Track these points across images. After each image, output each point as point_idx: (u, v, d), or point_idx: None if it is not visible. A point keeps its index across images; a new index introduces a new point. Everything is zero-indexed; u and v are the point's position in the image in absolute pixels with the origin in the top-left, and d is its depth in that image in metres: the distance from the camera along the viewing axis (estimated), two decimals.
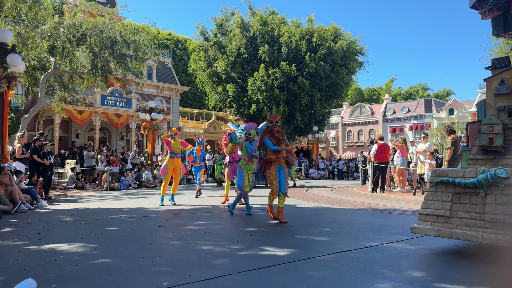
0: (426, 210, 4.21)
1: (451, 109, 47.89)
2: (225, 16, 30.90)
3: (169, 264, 3.68)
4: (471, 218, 3.81)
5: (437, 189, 4.18)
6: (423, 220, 4.22)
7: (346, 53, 28.52)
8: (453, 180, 3.98)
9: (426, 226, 4.14)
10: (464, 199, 3.95)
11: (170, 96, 33.79)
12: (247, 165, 7.22)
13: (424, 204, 4.27)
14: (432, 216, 4.14)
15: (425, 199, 4.29)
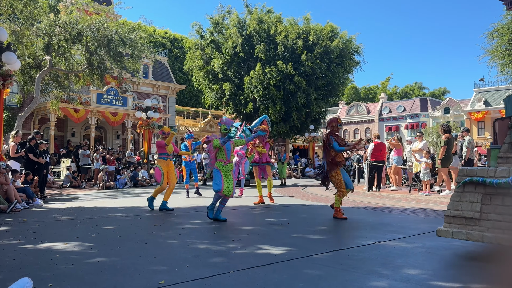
0: (453, 212, 3.92)
1: (447, 108, 48.08)
2: (222, 15, 30.86)
3: (165, 263, 3.68)
4: (504, 221, 3.53)
5: (464, 190, 3.90)
6: (449, 222, 3.93)
7: (343, 52, 28.55)
8: (484, 180, 3.70)
9: (453, 229, 3.87)
10: (495, 200, 3.67)
11: (166, 95, 33.72)
12: (225, 166, 6.47)
13: (450, 206, 3.99)
14: (459, 219, 3.86)
15: (452, 200, 4.02)
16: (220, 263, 3.67)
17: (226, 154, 6.47)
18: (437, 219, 6.54)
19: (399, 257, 3.87)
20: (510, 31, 16.81)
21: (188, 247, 4.40)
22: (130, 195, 12.45)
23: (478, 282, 3.03)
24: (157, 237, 5.05)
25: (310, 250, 4.20)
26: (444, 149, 10.12)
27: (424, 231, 5.38)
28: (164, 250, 4.30)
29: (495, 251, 4.09)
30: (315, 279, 3.20)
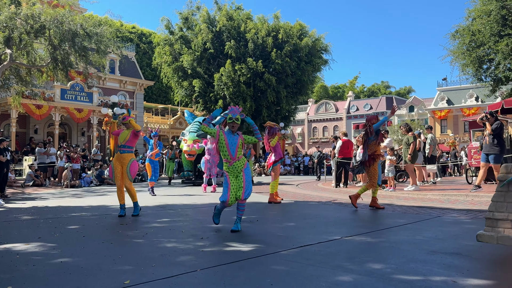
0: (497, 214, 3.53)
1: (411, 106, 49.54)
2: (191, 10, 30.55)
3: (131, 262, 3.62)
4: None
5: (509, 189, 3.51)
6: (492, 226, 3.53)
7: (312, 51, 28.90)
8: None
9: (498, 234, 3.46)
10: None
11: (133, 91, 33.05)
12: (231, 167, 5.17)
13: (492, 207, 3.57)
14: (505, 222, 3.45)
15: (494, 201, 3.60)
16: (188, 261, 3.65)
17: (229, 151, 5.12)
18: (400, 214, 6.74)
19: (364, 252, 3.97)
20: (471, 33, 17.48)
21: (155, 246, 4.34)
22: (96, 194, 12.15)
23: (438, 275, 3.14)
24: (123, 237, 4.95)
25: (278, 246, 4.24)
26: (413, 145, 10.49)
27: (388, 226, 5.53)
28: (130, 249, 4.23)
29: (459, 245, 4.26)
30: (282, 275, 3.23)
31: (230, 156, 5.12)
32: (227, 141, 5.13)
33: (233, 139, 5.17)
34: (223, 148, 5.14)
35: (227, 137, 5.16)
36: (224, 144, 5.13)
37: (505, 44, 15.52)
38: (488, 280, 3.01)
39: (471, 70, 18.23)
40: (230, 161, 5.14)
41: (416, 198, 9.36)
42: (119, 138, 6.90)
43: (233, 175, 5.15)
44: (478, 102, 42.34)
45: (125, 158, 6.83)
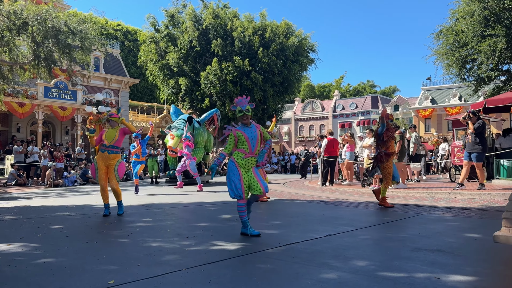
0: None
1: (396, 105, 50.12)
2: (177, 8, 30.35)
3: (115, 262, 3.58)
4: None
5: None
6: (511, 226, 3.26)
7: (298, 50, 29.00)
8: None
9: None
10: None
11: (118, 89, 32.68)
12: (245, 159, 4.71)
13: (510, 206, 3.30)
14: None
15: None
16: (173, 260, 3.63)
17: (250, 145, 4.69)
18: (385, 212, 6.82)
19: (349, 249, 4.00)
20: (454, 33, 17.74)
21: (140, 245, 4.31)
22: (80, 193, 12.00)
23: (421, 271, 3.19)
24: (108, 236, 4.90)
25: (264, 244, 4.25)
26: (400, 143, 10.61)
27: (373, 223, 5.59)
28: (115, 249, 4.19)
29: (443, 242, 4.33)
30: (268, 273, 3.24)
31: (250, 149, 4.70)
32: (247, 136, 4.68)
33: (251, 132, 4.71)
34: (242, 143, 4.69)
35: (244, 131, 4.69)
36: (244, 139, 4.67)
37: (487, 44, 15.80)
38: (470, 276, 3.07)
39: (454, 69, 18.49)
40: (247, 153, 4.69)
41: (400, 196, 9.48)
42: (106, 138, 6.55)
43: (244, 169, 4.71)
44: (461, 102, 43.03)
45: (112, 159, 6.55)
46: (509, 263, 3.42)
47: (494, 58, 15.98)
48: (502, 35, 15.52)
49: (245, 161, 4.71)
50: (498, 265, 3.36)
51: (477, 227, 5.35)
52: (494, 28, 15.78)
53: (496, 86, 19.99)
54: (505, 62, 17.31)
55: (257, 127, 4.80)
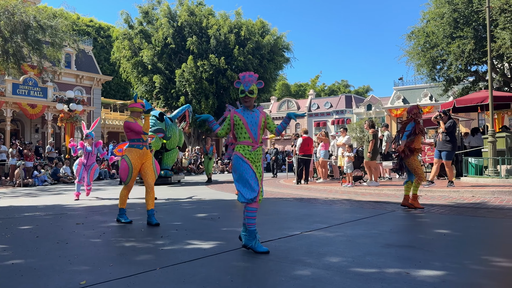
0: None
1: (369, 104, 51.02)
2: (151, 4, 29.93)
3: (87, 263, 3.51)
4: None
5: None
6: None
7: (274, 48, 29.09)
8: None
9: None
10: None
11: (91, 86, 31.98)
12: (253, 152, 3.91)
13: None
14: None
15: None
16: (147, 260, 3.59)
17: (250, 132, 3.89)
18: (358, 209, 6.95)
19: (323, 246, 4.06)
20: (425, 34, 18.21)
21: (113, 245, 4.24)
22: (51, 193, 11.69)
23: (392, 267, 3.27)
24: (79, 236, 4.80)
25: (239, 243, 4.25)
26: (373, 143, 10.81)
27: (346, 220, 5.69)
28: (87, 249, 4.11)
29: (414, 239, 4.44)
30: (243, 270, 3.25)
31: (252, 138, 3.88)
32: (245, 121, 3.90)
33: (252, 117, 3.94)
34: (241, 130, 3.91)
35: (243, 115, 3.94)
36: (242, 125, 3.89)
37: (456, 45, 16.29)
38: (438, 270, 3.17)
39: (425, 70, 18.99)
40: (253, 144, 3.90)
41: (373, 193, 9.67)
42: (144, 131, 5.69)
43: (253, 164, 3.87)
44: (432, 101, 44.23)
45: (149, 155, 5.80)
46: (475, 258, 3.55)
47: (463, 59, 16.50)
48: (470, 37, 16.04)
49: (254, 155, 3.88)
50: (465, 260, 3.48)
51: (446, 223, 5.53)
52: (463, 30, 16.30)
53: (465, 87, 20.66)
54: (473, 63, 17.92)
55: (261, 113, 4.05)
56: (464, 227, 5.18)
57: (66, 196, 10.45)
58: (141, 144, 5.66)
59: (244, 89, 3.95)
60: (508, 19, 14.11)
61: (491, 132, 11.60)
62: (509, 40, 13.94)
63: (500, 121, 17.66)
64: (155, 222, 5.47)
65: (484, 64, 17.62)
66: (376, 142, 11.04)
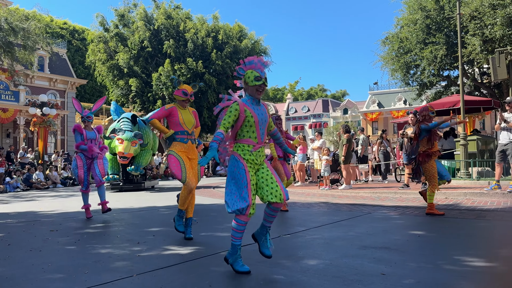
0: None
1: (346, 109, 51.80)
2: (127, 7, 29.60)
3: (62, 270, 3.43)
4: None
5: None
6: None
7: (252, 53, 29.20)
8: None
9: None
10: None
11: (64, 90, 31.31)
12: (254, 153, 3.26)
13: None
14: None
15: None
16: (123, 267, 3.53)
17: (259, 131, 3.28)
18: (335, 212, 7.03)
19: (301, 249, 4.09)
20: (399, 40, 18.64)
21: (88, 252, 4.15)
22: (23, 199, 11.36)
23: (369, 268, 3.33)
24: (53, 244, 4.68)
25: (218, 247, 4.24)
26: (346, 147, 10.96)
27: (324, 223, 5.75)
28: (61, 257, 4.01)
29: (390, 240, 4.52)
30: (221, 276, 3.24)
31: (258, 138, 3.28)
32: (257, 118, 3.25)
33: (261, 113, 3.32)
34: (249, 128, 3.24)
35: (254, 110, 3.25)
36: (253, 122, 3.23)
37: (429, 51, 16.73)
38: (413, 271, 3.24)
39: (399, 75, 19.42)
40: (256, 144, 3.28)
41: (349, 196, 9.81)
42: (184, 121, 4.75)
43: (252, 168, 3.27)
44: (406, 105, 45.24)
45: (195, 151, 4.87)
46: (449, 258, 3.64)
47: (436, 64, 16.97)
48: (442, 43, 16.51)
49: (255, 156, 3.26)
50: (439, 260, 3.57)
51: (420, 224, 5.65)
52: (435, 36, 16.76)
53: (437, 91, 21.22)
54: (446, 68, 18.44)
55: (265, 107, 3.45)
56: (437, 228, 5.31)
57: (39, 202, 10.17)
58: (186, 137, 4.74)
59: (260, 76, 3.22)
60: (477, 26, 14.60)
61: (462, 136, 11.96)
62: (479, 46, 14.43)
63: (471, 125, 18.23)
64: (188, 236, 4.71)
65: (455, 69, 18.16)
66: (350, 146, 11.21)
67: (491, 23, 13.84)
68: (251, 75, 3.23)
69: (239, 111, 3.19)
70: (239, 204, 3.14)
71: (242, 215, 3.19)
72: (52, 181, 17.38)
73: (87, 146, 6.63)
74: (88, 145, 6.63)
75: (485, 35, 14.20)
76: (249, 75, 3.23)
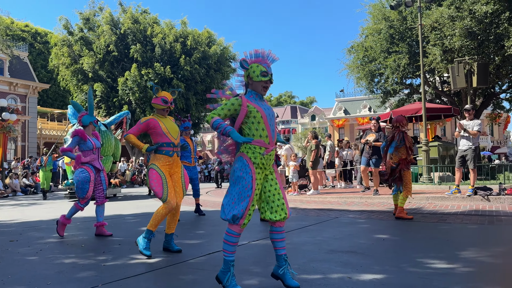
0: None
1: (313, 115, 52.60)
2: (93, 11, 28.98)
3: (23, 282, 3.30)
4: None
5: None
6: None
7: (220, 59, 29.23)
8: None
9: None
10: None
11: (26, 94, 30.17)
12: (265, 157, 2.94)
13: None
14: None
15: None
16: (88, 277, 3.44)
17: (269, 130, 2.97)
18: (303, 217, 7.11)
19: (270, 255, 4.11)
20: (364, 49, 19.15)
21: (51, 262, 4.01)
22: None
23: (336, 272, 3.39)
24: (13, 254, 4.49)
25: (186, 255, 4.20)
26: (315, 152, 11.11)
27: (292, 228, 5.80)
28: (22, 267, 3.85)
29: (357, 244, 4.61)
30: (190, 283, 3.21)
31: (270, 137, 2.95)
32: (264, 113, 2.96)
33: (268, 108, 3.05)
34: (257, 125, 2.92)
35: (259, 105, 2.98)
36: (260, 118, 2.93)
37: (392, 60, 17.29)
38: (378, 274, 3.32)
39: (364, 83, 19.92)
40: (268, 146, 2.95)
41: (317, 201, 9.94)
42: (169, 130, 4.42)
43: (260, 174, 2.93)
44: (370, 112, 46.44)
45: (179, 165, 4.55)
46: (412, 261, 3.76)
47: (399, 72, 17.54)
48: (405, 52, 17.10)
49: (266, 160, 2.93)
50: (402, 263, 3.68)
51: (385, 228, 5.81)
52: (398, 46, 17.34)
53: (400, 99, 21.92)
54: (408, 77, 19.09)
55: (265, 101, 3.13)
56: (401, 231, 5.47)
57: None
58: (172, 149, 4.38)
59: (267, 71, 3.00)
60: (438, 36, 15.22)
61: (424, 142, 12.39)
62: (439, 56, 15.03)
63: (432, 131, 18.94)
64: (176, 248, 4.41)
65: (417, 78, 18.83)
66: (318, 152, 11.39)
67: (450, 34, 14.47)
68: (257, 70, 2.99)
69: (241, 105, 2.89)
70: (237, 210, 2.84)
71: (235, 224, 2.87)
72: (12, 189, 16.66)
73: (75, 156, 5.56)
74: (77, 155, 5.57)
75: (445, 45, 14.83)
76: (255, 69, 2.99)
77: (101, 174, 5.76)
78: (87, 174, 5.50)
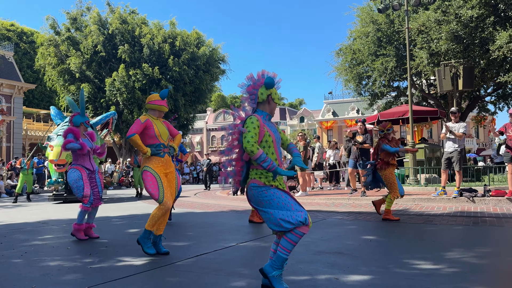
0: None
1: (302, 117, 52.79)
2: (80, 11, 28.72)
3: (6, 285, 3.24)
4: None
5: None
6: None
7: (209, 60, 29.16)
8: None
9: None
10: None
11: (11, 94, 29.70)
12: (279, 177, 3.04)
13: None
14: None
15: None
16: (74, 280, 3.39)
17: (277, 151, 3.04)
18: None
19: (257, 257, 4.11)
20: (352, 51, 19.31)
21: (36, 265, 3.95)
22: None
23: (323, 273, 3.40)
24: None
25: (174, 257, 4.18)
26: (303, 154, 11.16)
27: None
28: (6, 270, 3.79)
29: (345, 245, 4.64)
30: (177, 286, 3.20)
31: (278, 160, 3.02)
32: (274, 136, 3.02)
33: (275, 130, 3.11)
34: (268, 149, 2.96)
35: (269, 127, 3.04)
36: (271, 142, 2.98)
37: (380, 63, 17.46)
38: (365, 275, 3.35)
39: (352, 85, 20.09)
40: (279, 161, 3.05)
41: (305, 202, 9.96)
42: (160, 133, 4.41)
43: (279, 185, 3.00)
44: (358, 114, 46.76)
45: (172, 165, 4.55)
46: (398, 262, 3.80)
47: (386, 75, 17.71)
48: (392, 55, 17.28)
49: (278, 181, 2.99)
50: (389, 264, 3.71)
51: (372, 229, 5.86)
52: (386, 49, 17.52)
53: (388, 101, 22.15)
54: (395, 79, 19.30)
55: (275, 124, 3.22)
56: (388, 232, 5.52)
57: None
58: (162, 150, 4.38)
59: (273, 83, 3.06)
60: (424, 39, 15.42)
61: (411, 144, 12.53)
62: (426, 59, 15.23)
63: (419, 133, 19.15)
64: (163, 250, 4.35)
65: (404, 81, 19.04)
66: (306, 153, 11.44)
67: (437, 37, 14.67)
68: (277, 94, 3.11)
69: (260, 128, 2.90)
70: (300, 216, 2.82)
71: (305, 226, 2.84)
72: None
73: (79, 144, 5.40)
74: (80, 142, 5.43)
75: (432, 48, 15.03)
76: (276, 93, 3.09)
77: (96, 175, 5.63)
78: (78, 173, 5.43)
